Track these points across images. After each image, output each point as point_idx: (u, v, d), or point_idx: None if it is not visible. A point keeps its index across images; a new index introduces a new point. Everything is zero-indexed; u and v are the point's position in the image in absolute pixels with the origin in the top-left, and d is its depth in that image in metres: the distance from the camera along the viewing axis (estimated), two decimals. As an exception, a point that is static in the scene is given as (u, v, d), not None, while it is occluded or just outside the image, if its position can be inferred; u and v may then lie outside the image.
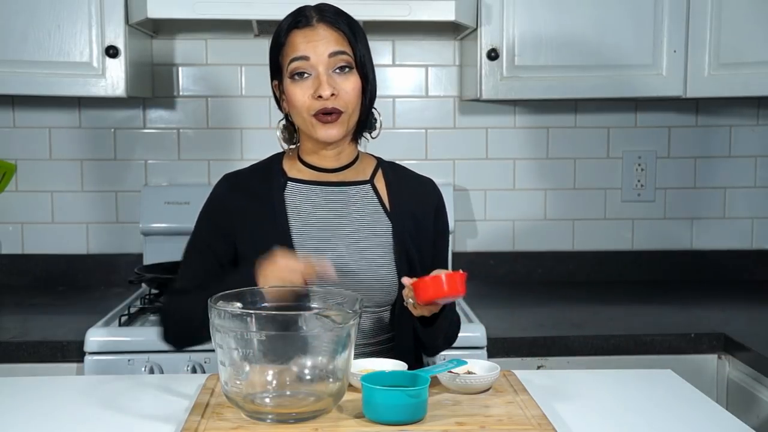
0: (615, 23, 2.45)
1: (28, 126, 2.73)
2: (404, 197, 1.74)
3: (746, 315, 2.46)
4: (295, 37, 1.64)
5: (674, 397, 1.58)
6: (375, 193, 1.73)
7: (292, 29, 1.65)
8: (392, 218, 1.71)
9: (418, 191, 1.78)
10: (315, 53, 1.62)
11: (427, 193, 1.79)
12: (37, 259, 2.76)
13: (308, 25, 1.64)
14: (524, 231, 2.86)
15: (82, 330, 2.11)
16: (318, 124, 1.64)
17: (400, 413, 1.32)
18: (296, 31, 1.65)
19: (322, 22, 1.65)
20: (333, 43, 1.63)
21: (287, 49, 1.65)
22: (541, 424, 1.34)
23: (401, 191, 1.75)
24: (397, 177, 1.78)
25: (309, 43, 1.63)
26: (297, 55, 1.63)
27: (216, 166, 2.70)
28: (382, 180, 1.75)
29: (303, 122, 1.66)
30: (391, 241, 1.69)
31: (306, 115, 1.64)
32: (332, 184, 1.72)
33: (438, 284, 1.47)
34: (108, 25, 2.37)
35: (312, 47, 1.63)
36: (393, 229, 1.70)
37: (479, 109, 2.81)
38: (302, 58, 1.63)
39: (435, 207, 1.78)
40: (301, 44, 1.63)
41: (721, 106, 2.83)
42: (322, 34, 1.64)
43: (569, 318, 2.38)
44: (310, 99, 1.62)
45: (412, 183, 1.79)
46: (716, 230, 2.89)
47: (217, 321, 1.34)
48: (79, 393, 1.58)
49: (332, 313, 1.39)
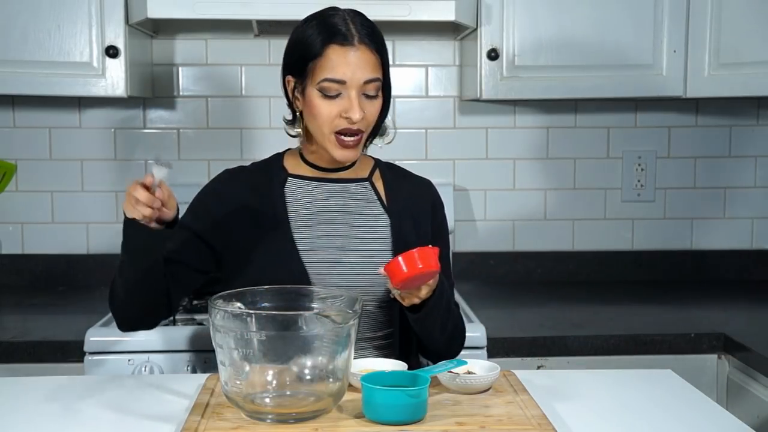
0: (615, 23, 2.45)
1: (28, 126, 2.73)
2: (402, 195, 1.76)
3: (746, 315, 2.46)
4: (334, 53, 1.59)
5: (674, 397, 1.58)
6: (373, 190, 1.75)
7: (332, 42, 1.60)
8: (390, 214, 1.73)
9: (415, 190, 1.80)
10: (353, 78, 1.59)
11: (424, 192, 1.81)
12: (37, 259, 2.76)
13: (350, 44, 1.59)
14: (524, 231, 2.86)
15: (82, 330, 2.11)
16: (337, 145, 1.64)
17: (400, 413, 1.32)
18: (336, 46, 1.59)
19: (363, 44, 1.60)
20: (370, 69, 1.61)
21: (323, 61, 1.60)
22: (541, 424, 1.34)
23: (399, 189, 1.77)
24: (394, 176, 1.80)
25: (348, 66, 1.59)
26: (334, 77, 1.59)
27: (216, 166, 2.69)
28: (380, 178, 1.78)
29: (321, 136, 1.65)
30: (390, 236, 1.70)
31: (327, 130, 1.63)
32: (332, 180, 1.74)
33: (411, 261, 1.44)
34: (108, 25, 2.37)
35: (351, 71, 1.59)
36: (391, 224, 1.71)
37: (479, 109, 2.81)
38: (339, 81, 1.59)
39: (432, 205, 1.79)
40: (341, 65, 1.59)
41: (721, 106, 2.83)
42: (362, 58, 1.60)
43: (569, 318, 2.38)
44: (336, 116, 1.61)
45: (409, 182, 1.81)
46: (716, 230, 2.89)
47: (217, 321, 1.34)
48: (79, 393, 1.58)
49: (332, 313, 1.39)
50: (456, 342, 1.74)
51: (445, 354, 1.70)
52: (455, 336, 1.72)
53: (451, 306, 1.70)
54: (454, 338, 1.72)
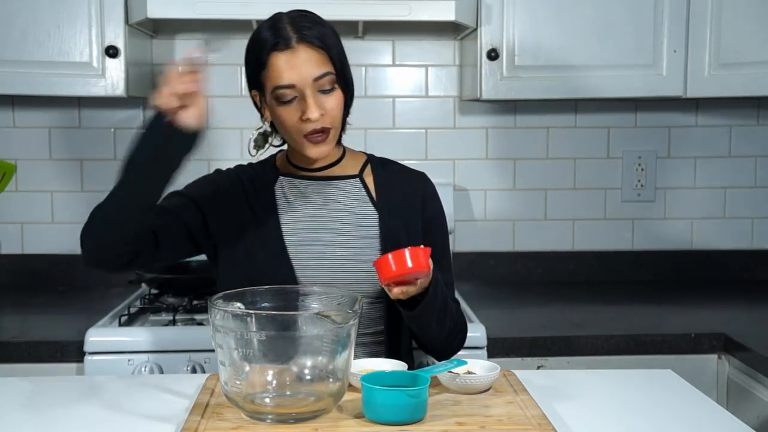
0: (615, 23, 2.45)
1: (28, 126, 2.73)
2: (392, 190, 1.76)
3: (746, 315, 2.46)
4: (277, 60, 1.60)
5: (674, 397, 1.58)
6: (363, 186, 1.76)
7: (272, 51, 1.60)
8: (379, 209, 1.73)
9: (406, 184, 1.79)
10: (300, 78, 1.59)
11: (414, 185, 1.80)
12: (37, 259, 2.76)
13: (288, 47, 1.59)
14: (524, 231, 2.86)
15: (82, 330, 2.11)
16: (308, 144, 1.65)
17: (400, 413, 1.32)
18: (277, 53, 1.60)
19: (302, 44, 1.59)
20: (316, 66, 1.60)
21: (270, 72, 1.61)
22: (541, 424, 1.34)
23: (389, 185, 1.77)
24: (385, 172, 1.80)
25: (292, 69, 1.59)
26: (282, 84, 1.60)
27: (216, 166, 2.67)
28: (371, 175, 1.78)
29: (293, 141, 1.67)
30: (378, 231, 1.70)
31: (294, 135, 1.64)
32: (322, 179, 1.75)
33: (401, 260, 1.43)
34: (108, 25, 2.37)
35: (296, 73, 1.59)
36: (380, 219, 1.72)
37: (479, 109, 2.81)
38: (287, 86, 1.60)
39: (422, 197, 1.78)
40: (285, 71, 1.59)
41: (721, 106, 2.83)
42: (304, 57, 1.59)
43: (569, 318, 2.38)
44: (298, 121, 1.62)
45: (400, 177, 1.80)
46: (716, 230, 2.89)
47: (217, 321, 1.34)
48: (79, 393, 1.58)
49: (332, 313, 1.39)
50: (455, 339, 1.72)
51: (444, 351, 1.70)
52: (454, 333, 1.71)
53: (448, 303, 1.68)
54: (452, 336, 1.71)
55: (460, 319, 1.74)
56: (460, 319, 1.74)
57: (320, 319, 1.35)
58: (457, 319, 1.72)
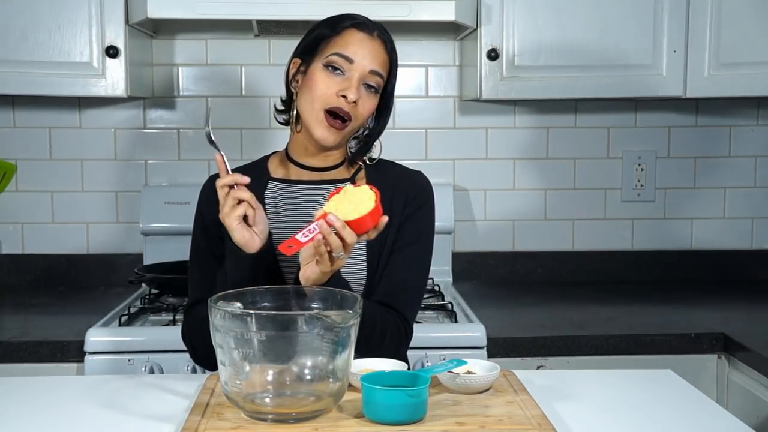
0: (615, 23, 2.45)
1: (28, 126, 2.74)
2: (384, 192, 1.73)
3: (746, 315, 2.46)
4: (353, 34, 1.66)
5: (674, 397, 1.58)
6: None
7: (353, 27, 1.66)
8: None
9: (398, 183, 1.76)
10: (362, 59, 1.64)
11: (405, 185, 1.76)
12: (37, 259, 2.76)
13: (369, 32, 1.67)
14: (524, 231, 2.86)
15: (82, 330, 2.11)
16: (323, 123, 1.64)
17: (400, 413, 1.32)
18: (356, 30, 1.66)
19: (380, 38, 1.68)
20: (379, 62, 1.66)
21: (338, 40, 1.66)
22: (541, 424, 1.34)
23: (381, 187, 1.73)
24: (378, 174, 1.77)
25: (362, 49, 1.65)
26: (345, 53, 1.64)
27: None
28: (363, 178, 1.77)
29: (310, 112, 1.66)
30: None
31: (318, 106, 1.64)
32: (313, 183, 1.73)
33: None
34: (108, 25, 2.37)
35: (362, 54, 1.64)
36: None
37: (479, 109, 2.81)
38: (348, 58, 1.64)
39: (405, 195, 1.74)
40: (354, 45, 1.65)
41: (721, 106, 2.84)
42: (376, 49, 1.67)
43: (569, 318, 2.38)
44: (332, 94, 1.63)
45: (392, 178, 1.77)
46: (716, 230, 2.89)
47: (217, 321, 1.34)
48: (79, 393, 1.58)
49: (332, 313, 1.38)
50: (372, 341, 1.60)
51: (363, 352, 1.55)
52: (371, 336, 1.60)
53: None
54: (370, 337, 1.59)
55: (381, 327, 1.64)
56: (383, 326, 1.64)
57: (320, 319, 1.35)
58: (374, 326, 1.61)
